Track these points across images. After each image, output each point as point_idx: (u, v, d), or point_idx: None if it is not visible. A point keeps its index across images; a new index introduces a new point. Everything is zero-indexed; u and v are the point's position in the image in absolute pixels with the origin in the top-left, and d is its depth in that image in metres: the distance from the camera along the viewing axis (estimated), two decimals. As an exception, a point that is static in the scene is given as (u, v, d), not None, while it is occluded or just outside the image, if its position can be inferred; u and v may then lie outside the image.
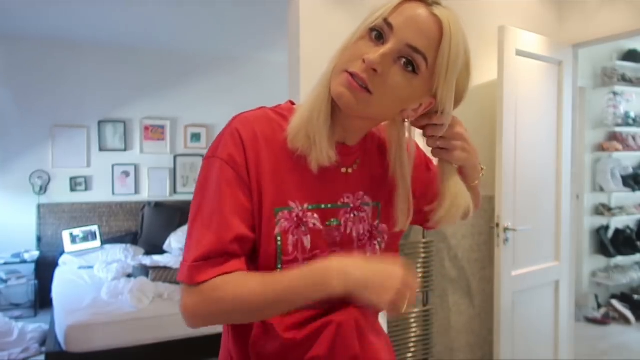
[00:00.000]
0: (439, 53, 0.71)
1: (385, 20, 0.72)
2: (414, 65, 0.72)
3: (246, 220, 0.74)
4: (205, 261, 0.71)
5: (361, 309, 0.79)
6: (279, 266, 0.77)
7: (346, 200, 0.84)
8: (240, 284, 0.71)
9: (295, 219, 0.78)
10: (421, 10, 0.72)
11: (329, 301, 0.73)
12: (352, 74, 0.72)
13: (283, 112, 0.81)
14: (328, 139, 0.77)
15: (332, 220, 0.82)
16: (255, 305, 0.72)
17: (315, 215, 0.80)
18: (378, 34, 0.73)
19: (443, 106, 0.76)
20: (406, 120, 0.82)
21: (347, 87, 0.72)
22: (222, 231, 0.72)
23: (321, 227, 0.81)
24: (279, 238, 0.77)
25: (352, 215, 0.84)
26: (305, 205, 0.79)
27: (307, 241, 0.79)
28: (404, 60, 0.71)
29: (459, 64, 0.73)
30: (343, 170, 0.83)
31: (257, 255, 0.77)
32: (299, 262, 0.78)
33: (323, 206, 0.81)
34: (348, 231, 0.84)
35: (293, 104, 0.86)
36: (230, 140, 0.75)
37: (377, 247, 0.87)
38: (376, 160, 0.89)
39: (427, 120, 0.81)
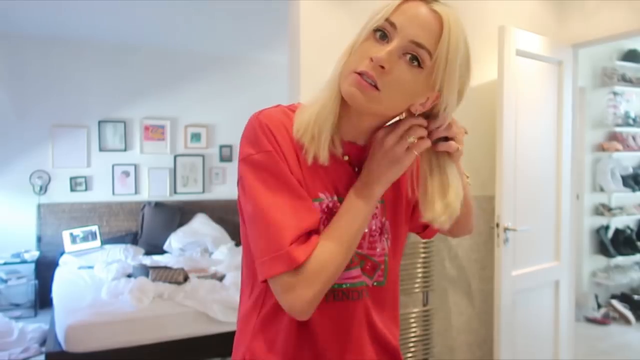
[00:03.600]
0: (439, 46, 0.74)
1: (388, 19, 0.75)
2: (419, 60, 0.74)
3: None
4: (299, 242, 0.74)
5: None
6: None
7: None
8: (326, 249, 0.76)
9: (326, 209, 0.82)
10: (422, 8, 0.75)
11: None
12: (360, 73, 0.74)
13: (296, 110, 0.84)
14: (330, 137, 0.80)
15: None
16: (345, 256, 0.77)
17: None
18: (382, 33, 0.75)
19: (446, 100, 0.78)
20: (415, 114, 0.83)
21: (357, 87, 0.75)
22: (312, 208, 0.78)
23: None
24: None
25: None
26: (335, 197, 0.83)
27: None
28: (409, 56, 0.74)
29: (459, 57, 0.75)
30: (355, 168, 0.86)
31: None
32: None
33: (342, 199, 0.84)
34: None
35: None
36: (264, 134, 0.78)
37: (386, 243, 0.90)
38: None
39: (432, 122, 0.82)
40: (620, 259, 4.44)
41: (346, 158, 0.85)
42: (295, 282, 0.73)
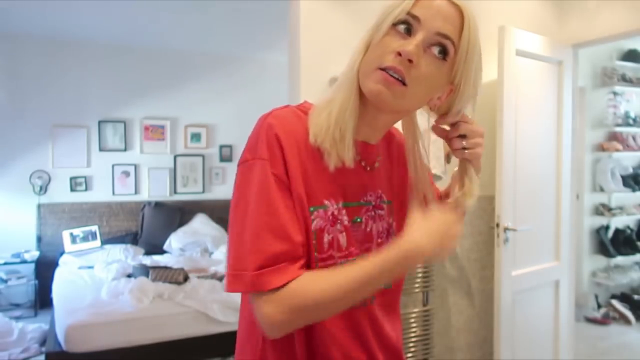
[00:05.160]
0: (461, 39, 0.74)
1: (410, 13, 0.74)
2: (444, 52, 0.74)
3: (298, 221, 0.74)
4: (273, 267, 0.70)
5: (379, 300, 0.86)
6: (316, 264, 0.78)
7: (369, 198, 0.85)
8: (318, 285, 0.71)
9: (331, 217, 0.78)
10: (442, 1, 0.74)
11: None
12: (386, 69, 0.72)
13: (307, 111, 0.80)
14: (352, 138, 0.77)
15: (356, 218, 0.83)
16: (336, 303, 0.72)
17: (345, 213, 0.81)
18: (406, 27, 0.74)
19: (463, 93, 0.78)
20: (431, 109, 0.82)
21: (383, 84, 0.73)
22: (288, 234, 0.72)
23: (349, 225, 0.81)
24: (314, 236, 0.77)
25: (372, 213, 0.85)
26: (340, 203, 0.80)
27: (342, 239, 0.80)
28: (437, 48, 0.74)
29: (477, 49, 0.76)
30: (367, 168, 0.85)
31: None
32: (334, 259, 0.79)
33: (350, 204, 0.82)
34: (368, 229, 0.85)
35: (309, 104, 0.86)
36: (266, 139, 0.74)
37: None
38: (393, 159, 0.91)
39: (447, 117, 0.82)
40: (620, 259, 4.44)
41: (357, 157, 0.82)
42: (266, 301, 0.69)
